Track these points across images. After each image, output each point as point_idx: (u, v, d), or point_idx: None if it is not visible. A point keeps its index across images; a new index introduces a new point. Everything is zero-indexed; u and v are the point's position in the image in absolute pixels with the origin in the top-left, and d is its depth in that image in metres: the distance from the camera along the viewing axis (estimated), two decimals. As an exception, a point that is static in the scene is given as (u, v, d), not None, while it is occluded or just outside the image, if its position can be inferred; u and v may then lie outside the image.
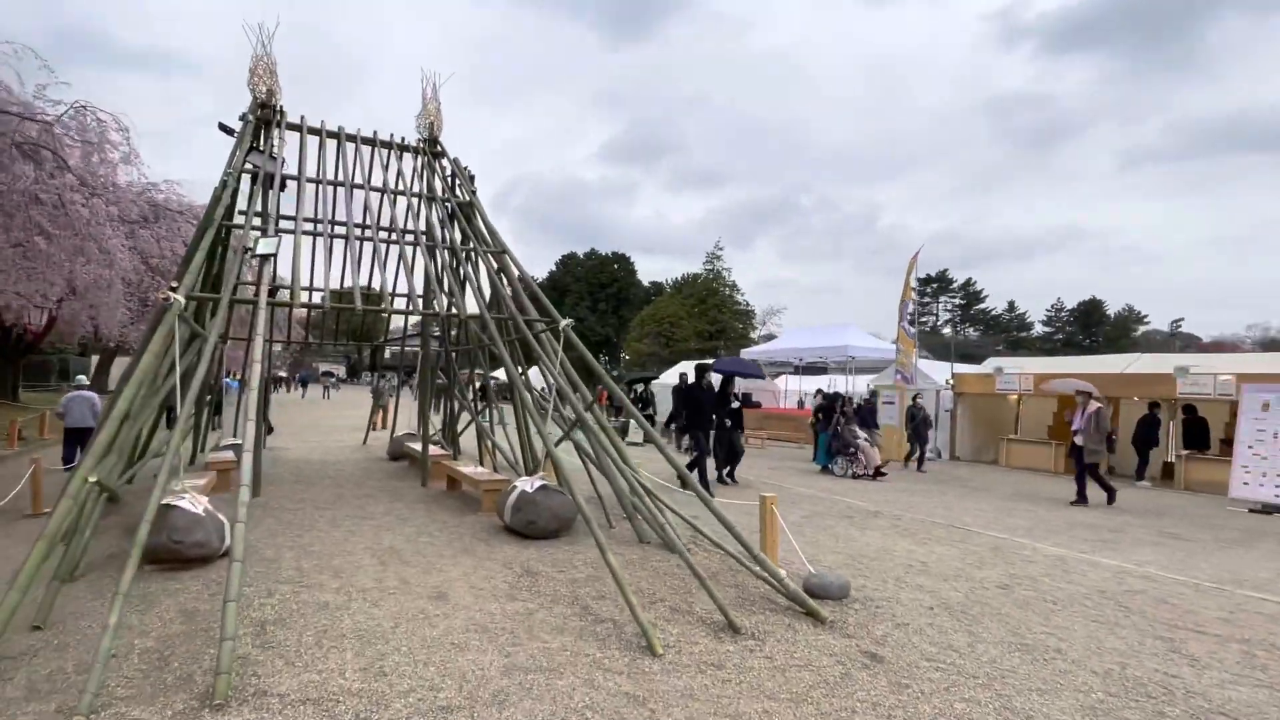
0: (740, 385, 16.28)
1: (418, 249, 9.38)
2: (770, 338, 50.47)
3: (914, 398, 15.50)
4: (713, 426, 11.10)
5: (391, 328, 21.34)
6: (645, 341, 48.17)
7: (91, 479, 4.54)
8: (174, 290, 6.11)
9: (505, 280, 9.06)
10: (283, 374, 49.45)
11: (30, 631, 4.13)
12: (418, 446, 12.01)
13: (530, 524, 6.87)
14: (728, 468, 11.53)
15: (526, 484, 7.14)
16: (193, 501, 5.78)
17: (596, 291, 67.50)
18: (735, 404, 11.92)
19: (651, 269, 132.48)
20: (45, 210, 8.34)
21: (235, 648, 3.62)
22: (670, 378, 24.74)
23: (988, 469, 15.54)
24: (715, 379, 12.25)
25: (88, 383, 10.94)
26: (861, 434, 12.91)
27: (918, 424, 14.43)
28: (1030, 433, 16.85)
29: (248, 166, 8.49)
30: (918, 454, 14.47)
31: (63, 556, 4.86)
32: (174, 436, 5.03)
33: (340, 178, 9.63)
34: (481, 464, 11.46)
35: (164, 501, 5.73)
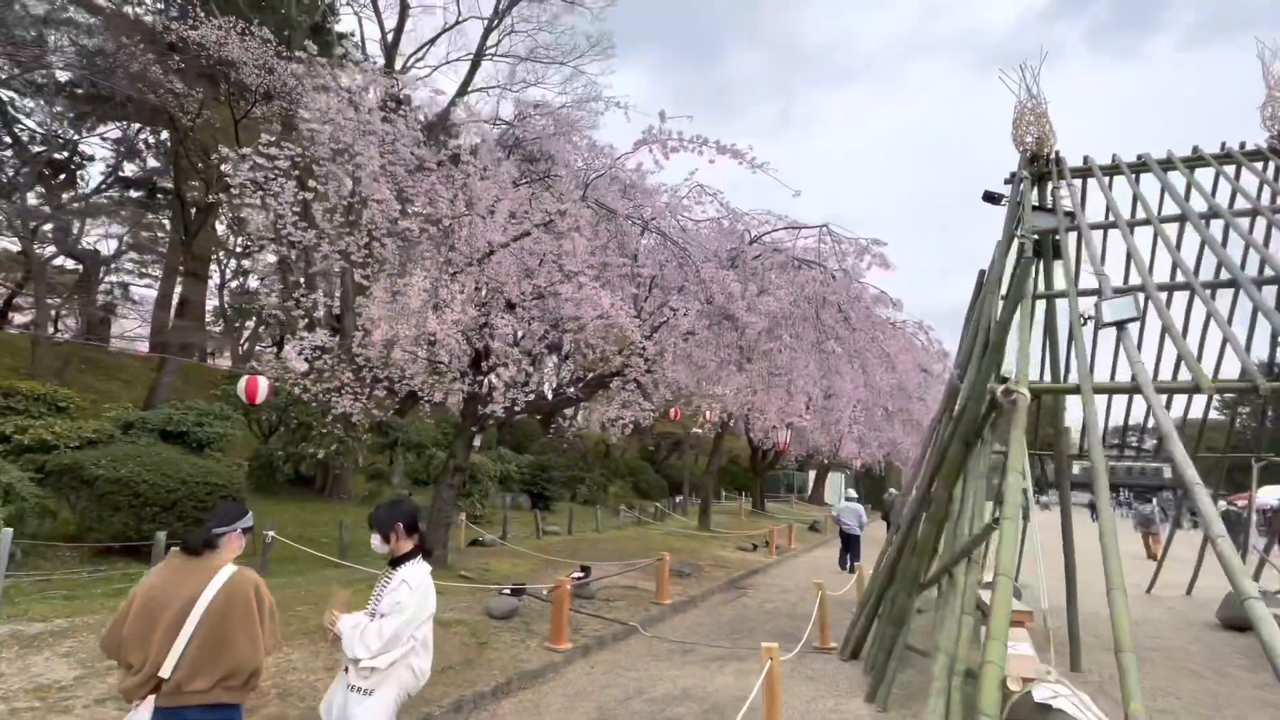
0: None
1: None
2: None
3: None
4: None
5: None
6: None
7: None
8: (1009, 385, 4.49)
9: None
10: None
11: None
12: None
13: None
14: None
15: None
16: (1078, 706, 3.70)
17: None
18: None
19: None
20: (831, 311, 8.64)
21: None
22: None
23: None
24: None
25: (856, 496, 11.02)
26: None
27: None
28: None
29: (1026, 231, 6.80)
30: None
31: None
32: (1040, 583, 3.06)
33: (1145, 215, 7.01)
34: None
35: (1039, 699, 3.85)
